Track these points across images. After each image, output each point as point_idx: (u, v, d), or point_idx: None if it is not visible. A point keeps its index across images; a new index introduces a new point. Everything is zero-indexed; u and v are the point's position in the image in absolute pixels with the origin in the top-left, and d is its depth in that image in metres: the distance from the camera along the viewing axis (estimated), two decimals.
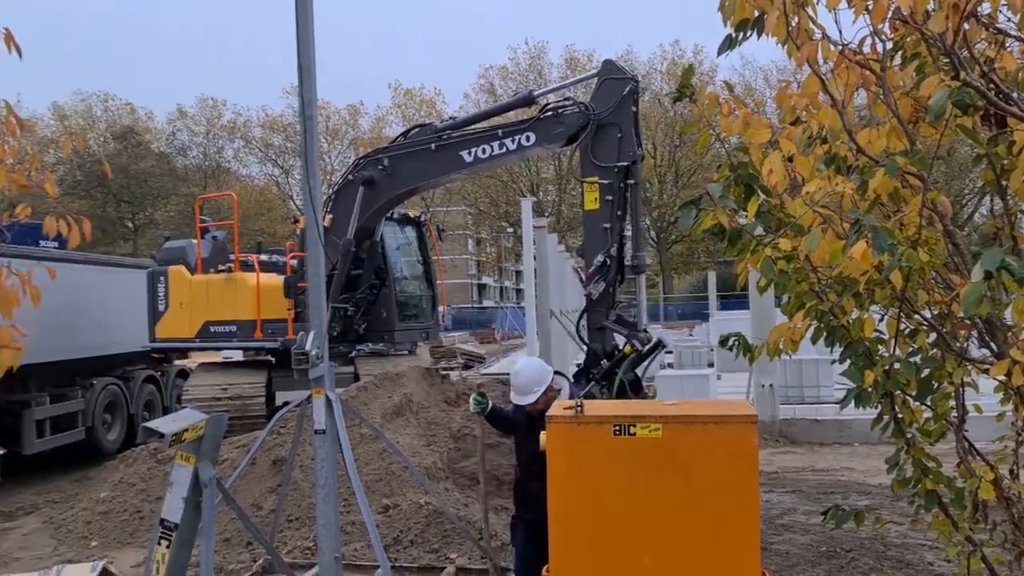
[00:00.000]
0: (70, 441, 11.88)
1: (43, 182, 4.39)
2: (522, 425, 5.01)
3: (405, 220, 13.49)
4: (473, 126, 9.82)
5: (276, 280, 11.77)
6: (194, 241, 12.62)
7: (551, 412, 4.08)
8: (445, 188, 54.99)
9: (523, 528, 5.04)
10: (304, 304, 11.60)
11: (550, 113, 8.92)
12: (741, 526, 3.77)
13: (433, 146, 9.61)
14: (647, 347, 8.12)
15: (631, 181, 8.33)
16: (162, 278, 12.35)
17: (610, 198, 8.24)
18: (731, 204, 3.38)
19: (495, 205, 53.80)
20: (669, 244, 54.25)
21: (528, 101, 9.72)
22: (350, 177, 10.39)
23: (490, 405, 5.17)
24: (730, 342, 4.02)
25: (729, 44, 3.48)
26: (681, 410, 3.98)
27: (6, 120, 4.28)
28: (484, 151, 9.45)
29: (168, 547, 3.17)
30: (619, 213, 8.36)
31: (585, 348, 8.50)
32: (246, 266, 12.20)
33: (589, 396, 8.44)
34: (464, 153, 9.51)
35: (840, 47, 3.30)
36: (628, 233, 8.61)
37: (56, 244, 11.29)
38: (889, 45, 3.44)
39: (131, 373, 13.58)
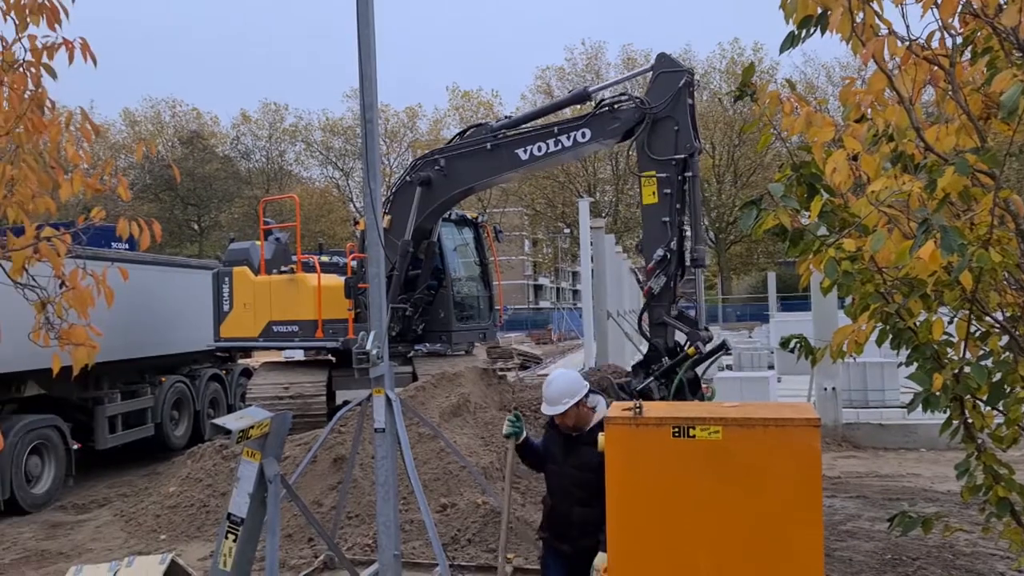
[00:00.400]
0: (140, 437, 12.25)
1: (116, 186, 4.52)
2: (558, 450, 4.61)
3: (463, 221, 13.57)
4: (529, 124, 9.86)
5: (337, 281, 11.96)
6: (258, 243, 12.89)
7: (609, 413, 4.07)
8: (501, 189, 55.22)
9: (558, 561, 4.62)
10: (364, 305, 11.78)
11: (606, 109, 8.90)
12: (804, 532, 3.71)
13: (489, 145, 9.69)
14: (710, 348, 8.05)
15: (689, 174, 8.29)
16: (227, 279, 12.65)
17: (668, 191, 8.23)
18: (793, 204, 3.33)
19: (552, 206, 53.75)
20: (728, 245, 53.51)
21: (583, 98, 9.68)
22: (407, 178, 10.51)
23: (524, 434, 4.71)
24: (792, 344, 3.95)
25: (791, 41, 3.43)
26: (741, 412, 3.93)
27: (81, 126, 4.44)
28: (540, 149, 9.50)
29: (235, 541, 3.25)
30: (678, 207, 8.35)
31: (646, 343, 8.46)
32: (308, 267, 12.41)
33: (646, 391, 8.42)
34: (520, 151, 9.56)
35: (907, 43, 3.23)
36: (688, 228, 8.53)
37: (127, 246, 11.69)
38: (959, 40, 3.35)
39: (197, 371, 13.96)
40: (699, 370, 8.19)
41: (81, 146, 4.59)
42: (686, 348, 8.09)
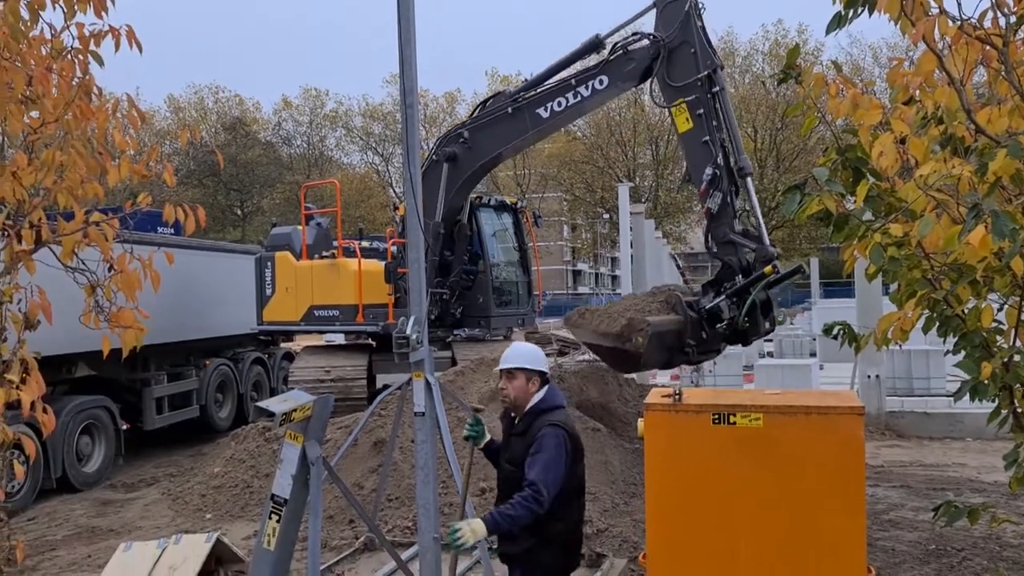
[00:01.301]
0: (185, 418, 12.52)
1: (162, 172, 4.59)
2: (502, 444, 4.24)
3: (502, 207, 13.57)
4: (546, 83, 9.84)
5: (377, 266, 12.06)
6: (299, 228, 13.04)
7: (649, 400, 4.06)
8: (540, 174, 55.10)
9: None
10: (404, 289, 11.86)
11: (620, 52, 8.93)
12: (846, 520, 3.67)
13: (510, 109, 9.76)
14: (788, 271, 8.09)
15: (716, 88, 8.31)
16: (269, 263, 12.83)
17: (700, 112, 8.34)
18: (839, 188, 3.27)
19: (591, 191, 53.47)
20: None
21: (595, 46, 9.62)
22: (434, 157, 10.57)
23: (486, 437, 4.30)
24: (835, 331, 3.89)
25: (838, 22, 3.36)
26: (783, 400, 3.89)
27: (128, 113, 4.52)
28: (560, 104, 9.57)
29: (279, 521, 3.31)
30: (714, 124, 8.37)
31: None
32: (349, 252, 12.53)
33: (716, 310, 8.39)
34: (540, 111, 9.63)
35: (959, 22, 3.14)
36: (727, 142, 8.58)
37: (172, 231, 11.89)
38: (1012, 19, 3.25)
39: (240, 355, 14.20)
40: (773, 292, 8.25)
41: (128, 132, 4.68)
42: (761, 268, 8.09)
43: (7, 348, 3.90)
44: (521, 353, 4.15)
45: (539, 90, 9.76)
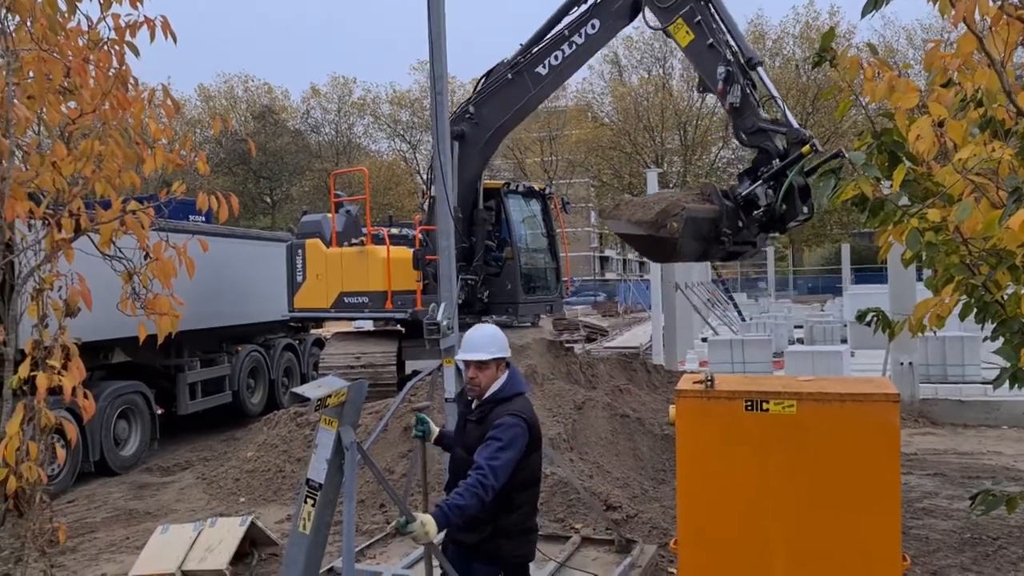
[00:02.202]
0: (218, 403, 12.70)
1: (195, 161, 4.65)
2: (459, 430, 4.07)
3: (530, 193, 13.55)
4: (542, 42, 10.07)
5: (406, 252, 12.10)
6: (329, 215, 13.13)
7: (681, 385, 4.05)
8: (568, 160, 54.87)
9: (458, 553, 3.88)
10: (431, 276, 11.91)
11: None
12: (880, 508, 3.65)
13: (510, 75, 9.86)
14: (828, 155, 8.17)
15: None
16: (300, 251, 12.94)
17: (698, 19, 8.53)
18: (875, 173, 3.23)
19: (618, 177, 53.18)
20: None
21: None
22: None
23: (435, 431, 4.15)
24: (868, 317, 3.85)
25: (875, 4, 3.31)
26: (817, 387, 3.87)
27: (163, 102, 4.58)
28: (557, 57, 9.73)
29: (313, 505, 3.35)
30: (713, 26, 8.59)
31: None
32: (378, 239, 12.59)
33: (752, 197, 8.40)
34: (539, 68, 9.81)
35: (999, 2, 3.08)
36: (730, 39, 8.80)
37: (204, 219, 12.02)
38: None
39: (272, 341, 14.37)
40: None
41: (162, 122, 4.74)
42: (796, 151, 8.14)
43: (48, 334, 3.98)
44: (490, 340, 3.90)
45: (535, 50, 9.92)
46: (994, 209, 3.09)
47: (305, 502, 3.38)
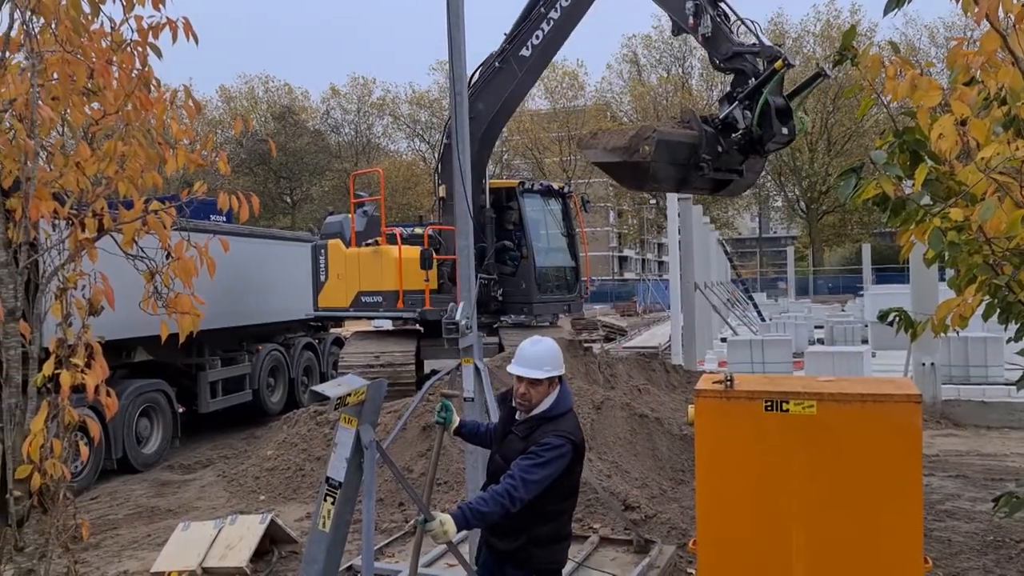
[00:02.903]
0: (239, 402, 12.78)
1: (216, 161, 4.68)
2: (498, 434, 3.95)
3: (548, 192, 13.52)
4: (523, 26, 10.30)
5: (417, 252, 12.18)
6: (350, 216, 13.23)
7: (700, 385, 4.03)
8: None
9: (490, 558, 3.82)
10: (445, 275, 11.96)
11: None
12: (902, 510, 3.62)
13: (497, 63, 9.94)
14: (806, 80, 8.24)
15: None
16: (323, 251, 13.09)
17: None
18: (896, 172, 3.21)
19: None
20: (820, 215, 51.87)
21: None
22: (446, 141, 10.72)
23: (455, 421, 4.11)
24: (890, 317, 3.83)
25: (897, 2, 3.29)
26: (837, 387, 3.84)
27: (185, 103, 4.61)
28: (537, 37, 9.89)
29: (333, 503, 3.37)
30: None
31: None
32: (393, 239, 12.65)
33: (730, 120, 8.42)
34: (523, 51, 9.99)
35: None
36: None
37: (225, 218, 12.12)
38: None
39: (292, 340, 14.45)
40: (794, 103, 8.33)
41: (184, 122, 4.78)
42: (770, 67, 8.16)
43: (72, 333, 4.02)
44: (547, 357, 3.77)
45: (518, 34, 10.12)
46: (1017, 208, 3.05)
47: (325, 500, 3.40)
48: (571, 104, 55.46)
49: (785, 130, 8.46)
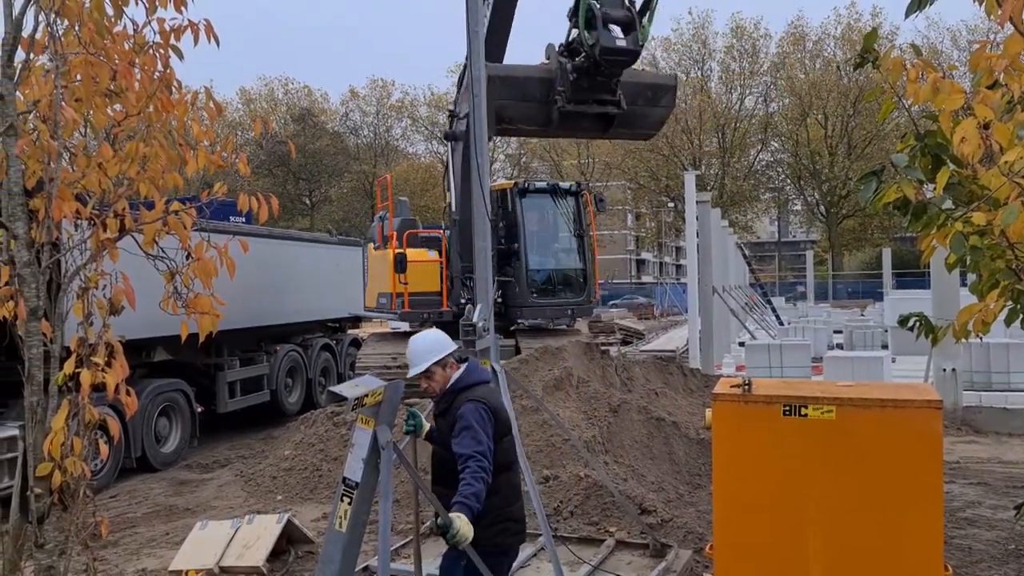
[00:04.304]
0: (257, 402, 12.86)
1: (237, 163, 4.71)
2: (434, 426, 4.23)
3: (554, 191, 13.33)
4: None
5: (422, 254, 12.42)
6: (385, 219, 13.40)
7: (717, 389, 4.02)
8: (604, 163, 54.67)
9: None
10: (450, 278, 12.08)
11: None
12: (922, 517, 3.58)
13: (466, 60, 10.04)
14: None
15: None
16: (365, 254, 13.44)
17: None
18: (918, 175, 3.18)
19: (655, 179, 52.93)
20: (839, 219, 51.52)
21: None
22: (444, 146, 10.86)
23: (425, 427, 4.32)
24: (911, 322, 3.80)
25: (919, 4, 3.27)
26: (857, 392, 3.81)
27: (206, 105, 4.65)
28: (485, 15, 9.89)
29: (350, 504, 3.39)
30: None
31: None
32: (430, 241, 12.91)
33: (573, 44, 8.49)
34: (496, 37, 9.77)
35: None
36: None
37: (243, 219, 12.19)
38: None
39: (309, 341, 14.52)
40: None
41: (204, 124, 4.82)
42: None
43: (93, 332, 4.06)
44: (422, 351, 4.07)
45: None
46: None
47: (342, 500, 3.41)
48: None
49: (622, 41, 8.31)
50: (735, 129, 50.85)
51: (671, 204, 55.33)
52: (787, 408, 3.74)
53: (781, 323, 25.58)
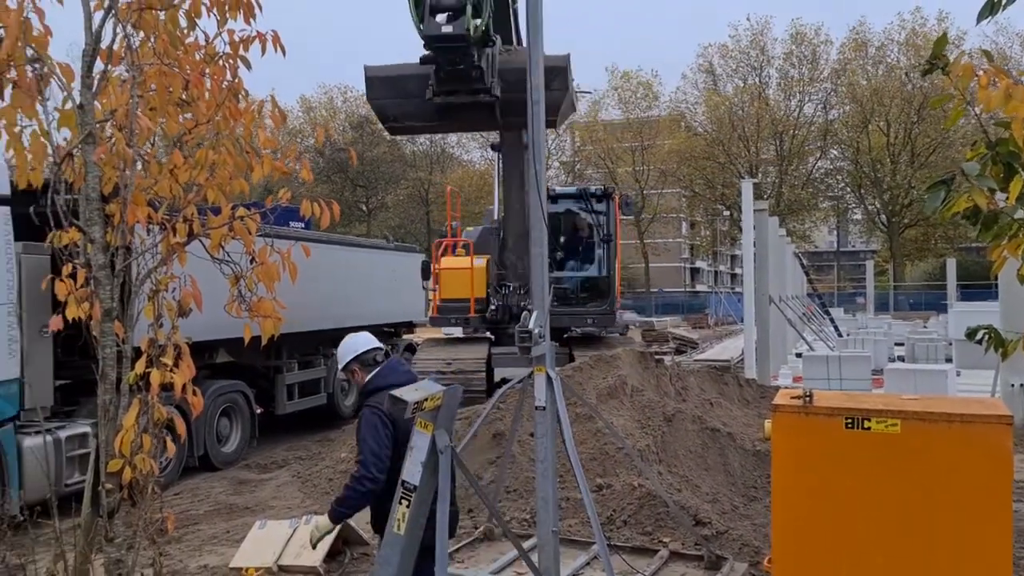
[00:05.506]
0: (313, 405, 13.05)
1: (300, 169, 4.82)
2: None
3: (580, 196, 13.19)
4: None
5: (461, 262, 12.52)
6: (470, 228, 13.59)
7: (777, 400, 3.96)
8: (659, 171, 54.30)
9: None
10: (491, 286, 12.20)
11: None
12: (990, 537, 3.48)
13: None
14: None
15: None
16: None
17: None
18: (989, 184, 3.11)
19: (711, 187, 52.38)
20: (902, 228, 50.26)
21: None
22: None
23: None
24: (980, 335, 3.69)
25: (990, 9, 3.20)
26: (923, 406, 3.72)
27: (272, 113, 4.77)
28: None
29: (408, 506, 3.43)
30: None
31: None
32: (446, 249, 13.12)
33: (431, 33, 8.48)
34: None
35: None
36: None
37: (303, 224, 12.41)
38: None
39: None
40: None
41: (270, 131, 4.94)
42: None
43: (163, 333, 4.19)
44: (343, 351, 4.37)
45: None
46: None
47: (400, 503, 3.46)
48: (645, 114, 55.08)
49: (448, 27, 8.37)
50: (793, 136, 50.04)
51: (727, 212, 54.69)
52: (849, 421, 3.68)
53: (840, 334, 25.06)
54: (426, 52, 8.87)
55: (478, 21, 8.49)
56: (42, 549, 5.30)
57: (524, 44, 10.73)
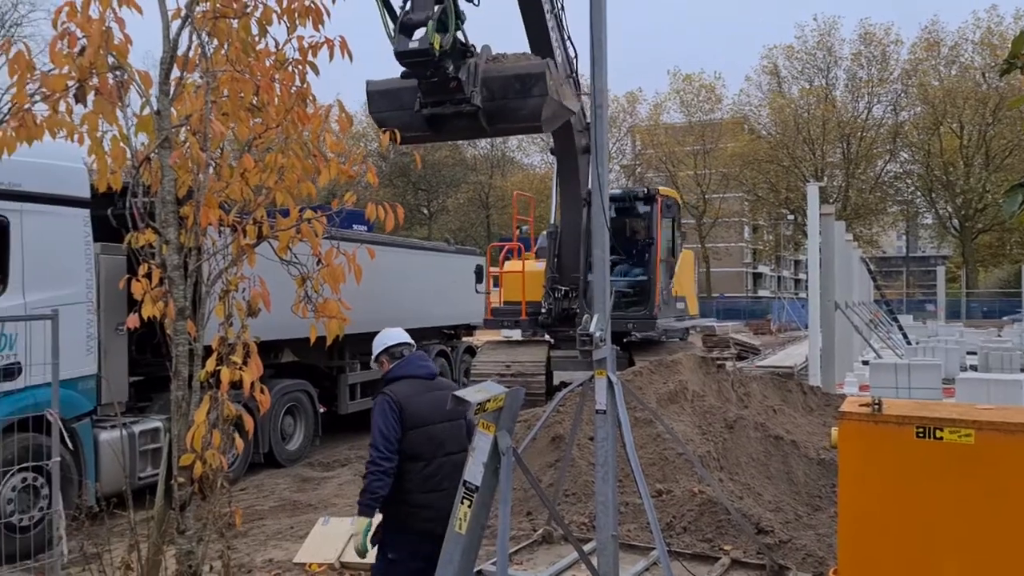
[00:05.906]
0: None
1: (366, 173, 4.91)
2: None
3: (625, 199, 13.24)
4: None
5: (515, 265, 12.58)
6: (543, 233, 13.87)
7: (845, 408, 3.88)
8: (722, 174, 53.60)
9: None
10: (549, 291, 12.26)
11: None
12: None
13: None
14: None
15: None
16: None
17: None
18: None
19: (775, 191, 51.47)
20: (975, 233, 48.63)
21: None
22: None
23: None
24: None
25: None
26: (999, 416, 3.60)
27: (339, 117, 4.87)
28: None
29: (470, 507, 3.46)
30: None
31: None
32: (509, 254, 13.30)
33: (421, 46, 8.43)
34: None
35: None
36: None
37: (366, 227, 12.58)
38: None
39: (426, 347, 14.82)
40: None
41: (336, 136, 5.04)
42: None
43: (232, 332, 4.30)
44: (376, 342, 4.69)
45: None
46: None
47: (462, 503, 3.49)
48: (707, 117, 54.49)
49: (414, 43, 8.54)
50: (861, 139, 48.89)
51: (790, 217, 53.68)
52: (921, 430, 3.58)
53: (908, 342, 24.35)
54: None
55: (446, 35, 8.63)
56: (116, 539, 5.48)
57: (574, 50, 10.73)
